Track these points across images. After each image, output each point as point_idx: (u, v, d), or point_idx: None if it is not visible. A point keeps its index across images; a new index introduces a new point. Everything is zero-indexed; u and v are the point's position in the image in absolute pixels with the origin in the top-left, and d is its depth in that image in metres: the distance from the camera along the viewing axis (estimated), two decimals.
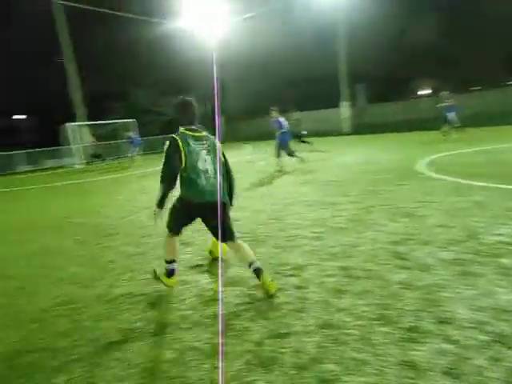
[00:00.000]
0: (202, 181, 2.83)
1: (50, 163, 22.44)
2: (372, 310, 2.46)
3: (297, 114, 14.46)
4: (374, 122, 24.72)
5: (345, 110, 24.64)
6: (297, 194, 6.67)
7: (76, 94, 23.91)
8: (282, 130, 9.58)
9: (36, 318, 2.90)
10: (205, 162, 2.88)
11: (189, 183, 2.85)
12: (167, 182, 2.80)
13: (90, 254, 4.41)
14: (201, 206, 2.86)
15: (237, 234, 3.03)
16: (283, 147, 9.65)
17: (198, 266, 3.67)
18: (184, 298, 2.98)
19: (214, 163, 2.93)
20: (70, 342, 2.49)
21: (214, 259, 3.71)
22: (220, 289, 3.03)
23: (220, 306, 2.74)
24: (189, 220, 3.05)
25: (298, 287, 2.94)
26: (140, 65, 31.83)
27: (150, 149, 28.15)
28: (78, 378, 2.12)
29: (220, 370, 2.02)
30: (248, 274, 3.02)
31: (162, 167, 2.82)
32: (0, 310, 3.11)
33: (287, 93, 29.95)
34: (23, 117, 41.48)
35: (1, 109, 30.01)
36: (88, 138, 21.75)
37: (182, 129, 2.95)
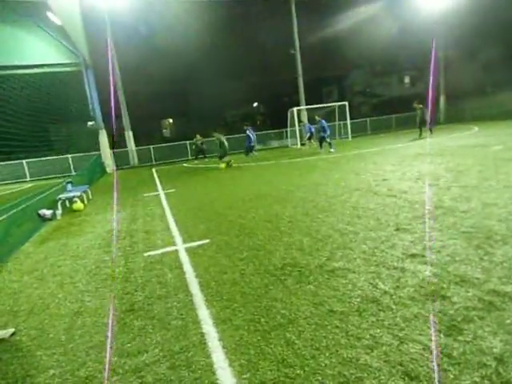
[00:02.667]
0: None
1: (275, 143, 26.13)
2: None
3: (420, 106, 17.22)
4: None
5: None
6: None
7: (300, 81, 26.44)
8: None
9: (271, 272, 3.50)
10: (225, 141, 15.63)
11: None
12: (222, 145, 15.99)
13: (310, 225, 4.89)
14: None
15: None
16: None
17: (415, 255, 3.45)
18: (400, 287, 2.87)
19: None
20: (298, 300, 2.88)
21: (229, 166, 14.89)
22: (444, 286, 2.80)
23: (437, 302, 2.51)
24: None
25: None
26: (354, 48, 31.67)
27: (360, 131, 27.96)
28: (304, 333, 2.44)
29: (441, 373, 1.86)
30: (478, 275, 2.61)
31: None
32: (247, 260, 3.93)
33: None
34: (255, 104, 49.20)
35: (243, 98, 37.03)
36: (306, 121, 23.77)
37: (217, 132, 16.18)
